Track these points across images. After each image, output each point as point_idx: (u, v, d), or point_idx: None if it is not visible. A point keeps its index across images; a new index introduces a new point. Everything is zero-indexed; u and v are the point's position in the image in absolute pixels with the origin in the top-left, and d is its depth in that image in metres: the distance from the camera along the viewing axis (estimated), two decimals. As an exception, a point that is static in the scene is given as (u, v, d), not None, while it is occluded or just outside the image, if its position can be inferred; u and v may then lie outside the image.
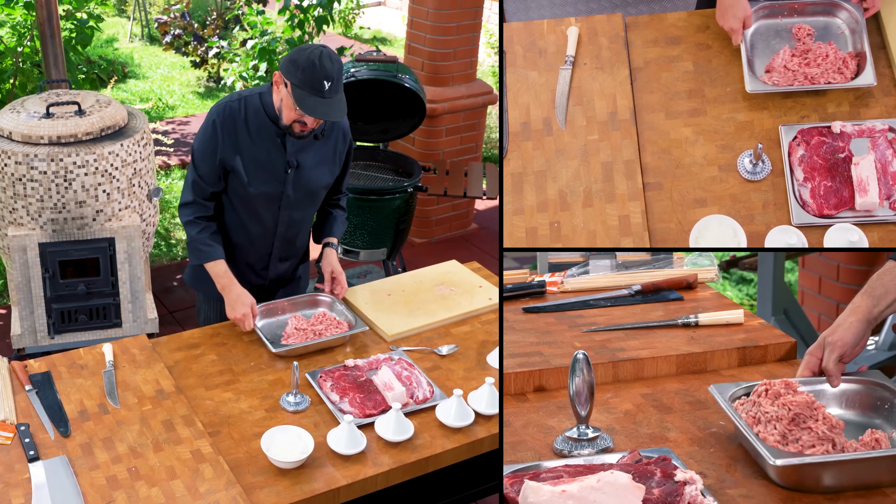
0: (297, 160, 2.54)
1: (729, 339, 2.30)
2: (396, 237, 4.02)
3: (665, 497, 1.69)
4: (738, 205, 2.15)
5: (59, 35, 3.68)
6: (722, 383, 1.97)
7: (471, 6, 4.76)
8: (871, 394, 1.95)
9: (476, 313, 2.70)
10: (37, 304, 3.35)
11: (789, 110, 2.21)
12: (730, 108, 2.24)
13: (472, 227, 5.29)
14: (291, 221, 2.65)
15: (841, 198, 2.11)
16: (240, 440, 2.09)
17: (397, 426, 2.11)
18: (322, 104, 2.34)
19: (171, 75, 7.83)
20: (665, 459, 1.78)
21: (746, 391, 1.93)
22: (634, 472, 1.75)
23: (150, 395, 2.21)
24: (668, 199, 2.18)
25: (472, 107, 4.92)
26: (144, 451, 2.01)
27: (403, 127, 4.19)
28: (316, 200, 2.68)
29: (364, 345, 2.53)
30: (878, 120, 2.16)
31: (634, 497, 1.67)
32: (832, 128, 2.16)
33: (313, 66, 2.31)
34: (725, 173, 2.18)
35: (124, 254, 3.38)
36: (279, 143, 2.51)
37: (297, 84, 2.33)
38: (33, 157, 3.21)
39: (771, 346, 2.28)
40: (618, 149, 2.24)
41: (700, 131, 2.23)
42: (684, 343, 2.28)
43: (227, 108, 2.49)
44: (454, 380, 2.37)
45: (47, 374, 2.27)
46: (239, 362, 2.40)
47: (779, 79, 2.20)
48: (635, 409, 2.06)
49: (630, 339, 2.30)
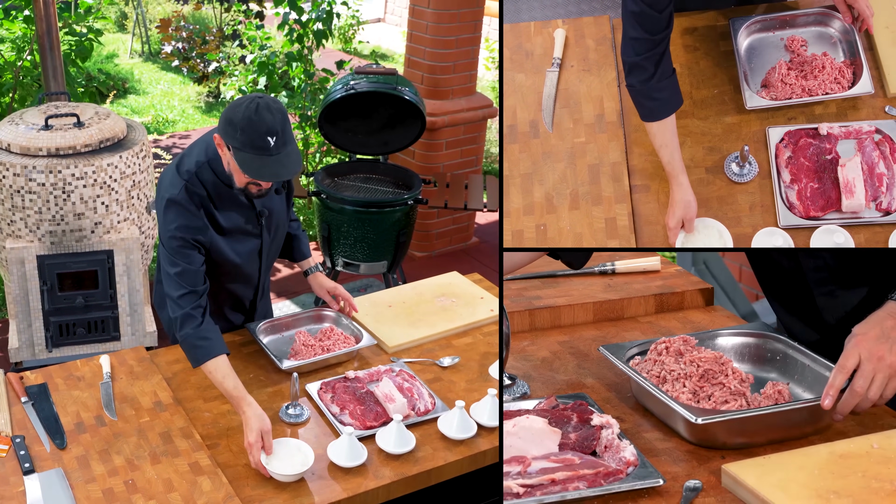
0: (266, 209, 2.42)
1: (646, 287, 2.34)
2: (397, 250, 4.00)
3: (582, 441, 1.71)
4: (725, 207, 2.14)
5: (58, 47, 3.67)
6: (611, 343, 2.02)
7: (470, 20, 4.76)
8: (763, 346, 1.98)
9: (478, 325, 2.67)
10: (35, 316, 3.33)
11: (776, 112, 2.21)
12: (717, 110, 2.23)
13: (472, 240, 5.27)
14: (270, 257, 2.58)
15: (828, 199, 2.10)
16: (238, 452, 2.06)
17: (398, 438, 2.08)
18: (270, 164, 2.11)
19: (171, 90, 7.83)
20: (582, 405, 1.80)
21: (640, 349, 1.95)
22: (551, 417, 1.77)
23: (148, 406, 2.18)
24: (656, 201, 2.17)
25: (472, 120, 4.92)
26: (141, 464, 1.98)
27: (403, 139, 4.18)
28: (283, 231, 2.59)
29: (365, 356, 2.50)
30: (865, 122, 2.15)
31: (551, 441, 1.69)
32: (819, 130, 2.16)
33: (251, 124, 2.08)
34: (712, 175, 2.17)
35: (123, 266, 3.36)
36: (245, 201, 2.36)
37: (238, 147, 2.11)
38: (32, 169, 3.19)
39: (688, 292, 2.33)
40: (605, 151, 2.23)
41: (687, 133, 2.22)
42: (601, 290, 2.32)
43: (189, 192, 2.25)
44: (456, 391, 2.34)
45: (43, 385, 2.24)
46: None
47: (777, 94, 2.20)
48: (552, 356, 2.09)
49: (547, 288, 2.33)
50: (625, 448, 1.67)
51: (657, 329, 2.25)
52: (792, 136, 2.16)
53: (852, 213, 2.08)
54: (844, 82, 2.18)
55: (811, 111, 2.19)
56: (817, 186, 2.11)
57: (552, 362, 2.06)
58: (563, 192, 2.20)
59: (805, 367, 1.91)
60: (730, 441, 1.74)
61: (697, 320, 2.28)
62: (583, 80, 2.31)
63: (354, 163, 4.26)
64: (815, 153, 2.14)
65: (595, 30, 2.36)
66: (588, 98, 2.29)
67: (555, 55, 2.34)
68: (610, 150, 2.23)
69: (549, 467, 1.61)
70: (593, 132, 2.25)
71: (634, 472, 1.62)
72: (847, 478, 1.55)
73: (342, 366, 2.45)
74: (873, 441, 1.66)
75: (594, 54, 2.33)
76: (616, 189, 2.18)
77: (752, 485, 1.56)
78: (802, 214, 2.09)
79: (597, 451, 1.70)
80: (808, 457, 1.63)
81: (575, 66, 2.33)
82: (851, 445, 1.65)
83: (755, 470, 1.59)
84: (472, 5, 4.73)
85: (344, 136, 4.16)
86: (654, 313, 2.29)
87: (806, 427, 1.78)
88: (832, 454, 1.62)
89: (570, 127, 2.26)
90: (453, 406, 2.19)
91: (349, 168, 4.24)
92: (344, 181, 4.17)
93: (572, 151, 2.24)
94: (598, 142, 2.24)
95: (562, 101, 2.29)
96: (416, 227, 4.76)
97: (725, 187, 2.15)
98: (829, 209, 2.09)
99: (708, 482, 1.65)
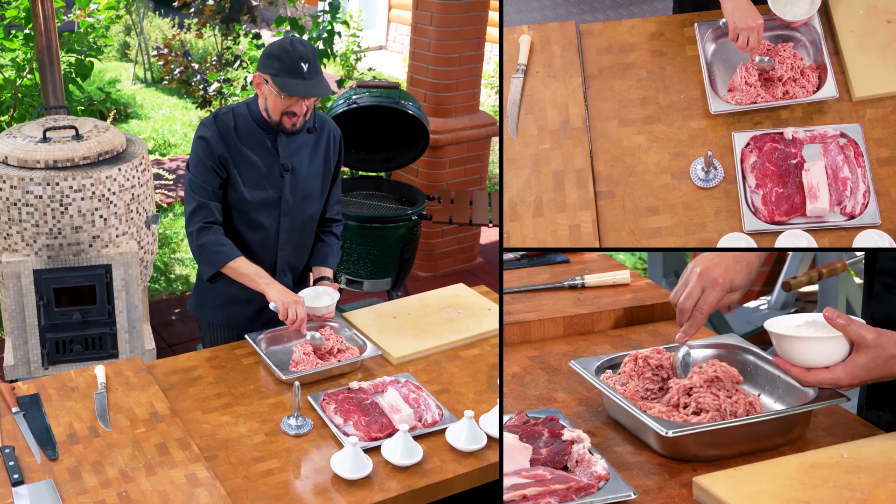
0: (291, 164, 2.51)
1: (616, 300, 2.34)
2: (401, 267, 3.92)
3: (553, 456, 1.70)
4: (691, 212, 2.12)
5: (58, 63, 3.63)
6: (582, 357, 2.01)
7: (472, 37, 4.73)
8: (734, 357, 1.96)
9: (485, 336, 2.59)
10: (30, 333, 3.25)
11: (742, 117, 2.19)
12: (683, 115, 2.21)
13: (477, 260, 5.20)
14: (293, 228, 2.57)
15: (792, 204, 2.09)
16: (238, 465, 1.97)
17: (405, 449, 1.99)
18: (305, 84, 2.33)
19: (172, 115, 7.82)
20: (553, 420, 1.80)
21: (611, 363, 1.94)
22: (522, 432, 1.76)
23: (144, 417, 2.10)
24: (621, 207, 2.15)
25: (475, 138, 4.87)
26: (136, 475, 1.89)
27: (407, 155, 4.13)
28: (314, 206, 2.60)
29: (369, 368, 2.42)
30: (830, 126, 2.14)
31: (521, 457, 1.68)
32: (784, 134, 2.14)
33: (287, 52, 2.32)
34: (678, 181, 2.15)
35: (121, 281, 3.28)
36: (272, 148, 2.49)
37: (275, 73, 2.34)
38: (29, 182, 3.13)
39: (657, 305, 2.33)
40: (569, 158, 2.20)
41: (653, 139, 2.20)
42: (571, 305, 2.31)
43: (217, 118, 2.46)
44: (465, 403, 2.26)
45: (36, 396, 2.15)
46: (238, 385, 2.28)
47: (741, 97, 2.19)
48: (522, 371, 2.08)
49: (516, 303, 2.32)
50: (596, 462, 1.66)
51: (627, 342, 2.23)
52: (757, 141, 2.16)
53: (817, 218, 2.07)
54: (809, 87, 2.18)
55: (777, 115, 2.19)
56: (782, 191, 2.10)
57: (522, 377, 2.05)
58: (526, 199, 2.18)
59: (776, 378, 1.87)
60: (701, 453, 1.72)
61: (668, 333, 2.27)
62: (548, 87, 2.29)
63: (357, 179, 4.20)
64: (781, 158, 2.13)
65: (560, 35, 2.34)
66: (553, 104, 2.27)
67: (520, 61, 2.32)
68: (575, 157, 2.21)
69: (520, 483, 1.59)
70: (558, 138, 2.23)
71: (606, 486, 1.61)
72: (818, 488, 1.54)
73: (346, 377, 2.36)
74: (843, 451, 1.65)
75: (560, 60, 2.31)
76: (581, 195, 2.17)
77: (723, 497, 1.54)
78: (767, 219, 2.09)
79: (568, 466, 1.69)
80: (779, 468, 1.62)
81: (540, 72, 2.31)
82: (822, 455, 1.64)
83: (726, 482, 1.58)
84: (475, 23, 4.71)
85: (346, 152, 4.11)
86: (624, 326, 2.30)
87: (777, 438, 1.76)
88: (803, 464, 1.61)
89: (534, 133, 2.25)
90: (462, 417, 2.11)
91: (352, 185, 4.18)
92: (347, 198, 4.11)
93: (537, 158, 2.22)
94: (562, 148, 2.22)
95: (526, 108, 2.28)
96: (421, 247, 4.70)
97: (691, 193, 2.14)
98: (794, 214, 2.09)
99: (679, 495, 1.64)
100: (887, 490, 1.52)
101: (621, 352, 1.97)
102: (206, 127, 2.46)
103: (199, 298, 2.66)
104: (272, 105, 2.40)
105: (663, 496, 1.63)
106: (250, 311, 2.61)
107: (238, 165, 2.46)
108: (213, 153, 2.44)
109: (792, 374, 1.71)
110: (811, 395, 1.76)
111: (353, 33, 8.71)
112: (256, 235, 2.54)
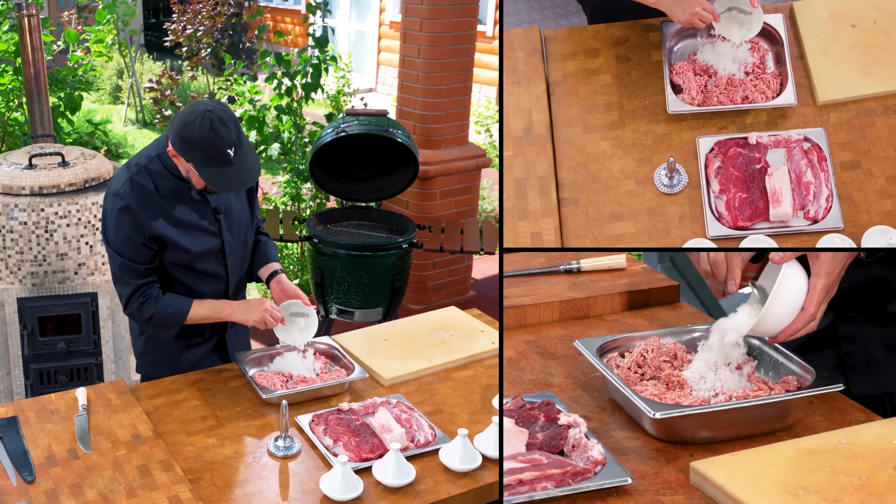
0: (222, 206, 2.39)
1: (612, 285, 2.33)
2: (392, 296, 3.87)
3: (549, 440, 1.70)
4: (655, 218, 2.10)
5: (45, 93, 3.62)
6: (587, 338, 2.00)
7: (461, 69, 4.75)
8: None
9: (478, 357, 2.54)
10: (14, 363, 3.17)
11: (708, 122, 2.18)
12: (648, 120, 2.19)
13: (470, 293, 5.15)
14: (236, 263, 2.48)
15: (755, 209, 2.08)
16: (223, 487, 1.90)
17: (397, 469, 1.93)
18: (233, 172, 2.18)
19: (163, 154, 7.81)
20: (549, 404, 1.80)
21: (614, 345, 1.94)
22: (517, 417, 1.76)
23: (126, 439, 2.03)
24: (584, 214, 2.13)
25: (465, 169, 4.86)
26: (116, 498, 1.82)
27: (397, 185, 4.10)
28: (250, 234, 2.53)
29: (359, 390, 2.36)
30: (794, 130, 2.14)
31: (518, 441, 1.68)
32: (748, 139, 2.13)
33: (210, 141, 2.13)
34: (642, 187, 2.13)
35: (107, 310, 3.22)
36: (199, 197, 2.35)
37: (201, 165, 2.16)
38: (13, 208, 3.08)
39: (654, 290, 2.32)
40: (532, 164, 2.18)
41: (618, 145, 2.18)
42: (567, 289, 2.30)
43: (133, 184, 2.26)
44: (458, 423, 2.19)
45: (14, 419, 2.08)
46: (224, 407, 2.22)
47: (695, 98, 2.18)
48: (518, 355, 2.07)
49: (512, 287, 2.32)
50: (592, 447, 1.66)
51: (624, 327, 2.23)
52: (722, 146, 2.14)
53: (780, 223, 2.06)
54: (769, 92, 2.18)
55: (742, 120, 2.18)
56: (746, 196, 2.09)
57: (518, 362, 2.04)
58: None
59: (778, 363, 1.88)
60: (696, 436, 1.72)
61: (664, 317, 2.27)
62: (511, 93, 2.27)
63: (347, 209, 4.17)
64: (745, 163, 2.12)
65: (525, 41, 2.32)
66: (516, 111, 2.24)
67: None
68: (538, 164, 2.18)
69: (516, 467, 1.59)
70: (521, 145, 2.21)
71: (602, 471, 1.61)
72: (815, 473, 1.55)
73: (335, 398, 2.30)
74: (841, 436, 1.66)
75: (523, 66, 2.29)
76: (543, 203, 2.14)
77: (720, 482, 1.55)
78: (731, 224, 2.07)
79: (564, 451, 1.70)
80: (777, 453, 1.63)
81: (504, 78, 2.29)
82: (819, 441, 1.65)
83: (723, 467, 1.59)
84: (463, 55, 4.73)
85: (336, 182, 4.08)
86: (620, 311, 2.30)
87: (774, 423, 1.77)
88: (800, 450, 1.62)
89: None
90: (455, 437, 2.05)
91: (342, 215, 4.14)
92: (337, 227, 4.07)
93: None
94: (525, 155, 2.20)
95: None
96: (412, 279, 4.65)
97: (655, 199, 2.12)
98: (757, 219, 2.08)
99: (676, 480, 1.63)
100: (885, 475, 1.53)
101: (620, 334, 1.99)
102: (123, 196, 2.24)
103: (152, 358, 2.51)
104: (195, 178, 2.25)
105: (660, 481, 1.62)
106: (207, 347, 2.54)
107: (172, 227, 2.30)
108: (142, 227, 2.25)
109: (783, 339, 1.77)
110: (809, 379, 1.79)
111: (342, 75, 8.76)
112: (205, 281, 2.43)
